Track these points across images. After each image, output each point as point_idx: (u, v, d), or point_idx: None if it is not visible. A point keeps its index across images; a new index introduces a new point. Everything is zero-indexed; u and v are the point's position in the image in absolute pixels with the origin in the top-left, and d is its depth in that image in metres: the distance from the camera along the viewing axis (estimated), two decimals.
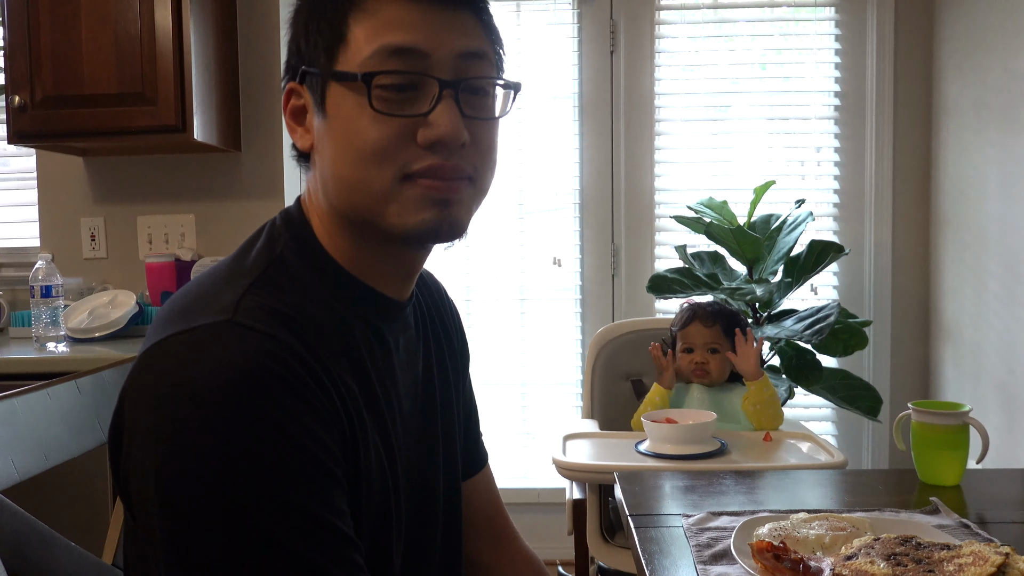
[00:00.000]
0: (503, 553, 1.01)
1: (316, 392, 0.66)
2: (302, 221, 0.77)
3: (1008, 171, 2.22)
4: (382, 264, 0.78)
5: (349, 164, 0.71)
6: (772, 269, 2.38)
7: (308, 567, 0.62)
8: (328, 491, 0.65)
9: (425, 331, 0.88)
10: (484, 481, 1.02)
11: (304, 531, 0.62)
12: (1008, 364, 2.24)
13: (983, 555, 0.82)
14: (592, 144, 2.73)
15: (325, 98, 0.72)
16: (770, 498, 1.17)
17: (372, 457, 0.72)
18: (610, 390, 2.03)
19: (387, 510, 0.75)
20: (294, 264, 0.74)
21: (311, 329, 0.69)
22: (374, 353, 0.76)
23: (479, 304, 2.77)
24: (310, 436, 0.64)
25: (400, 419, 0.80)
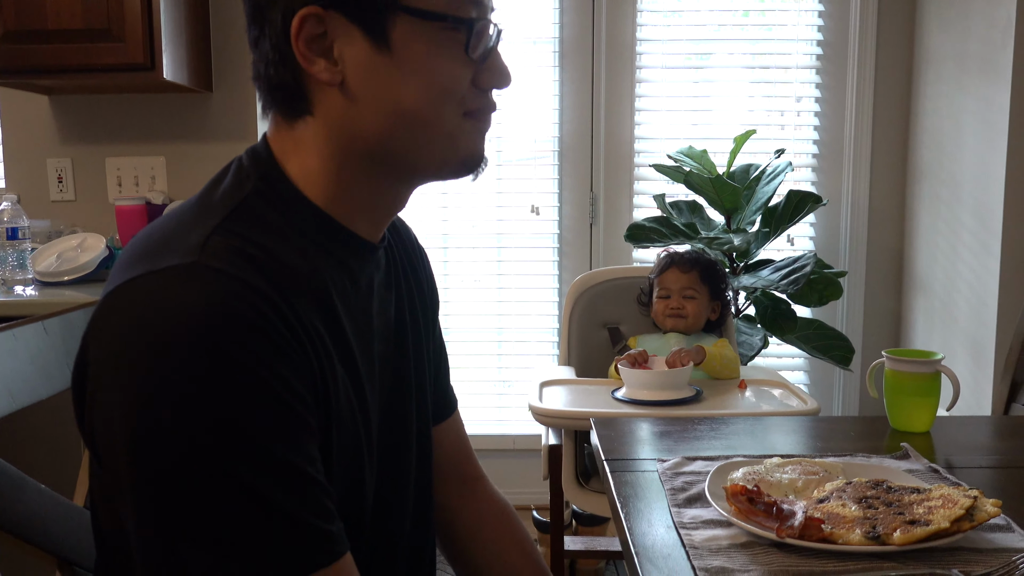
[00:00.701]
0: (473, 498, 1.02)
1: (286, 336, 0.64)
2: (270, 160, 0.74)
3: (986, 122, 2.22)
4: (372, 205, 0.77)
5: (425, 101, 0.71)
6: (750, 219, 2.39)
7: (278, 512, 0.61)
8: (297, 436, 0.64)
9: (397, 274, 0.86)
10: (453, 427, 1.02)
11: (274, 476, 0.61)
12: (978, 315, 2.27)
13: (952, 498, 0.84)
14: (572, 91, 2.69)
15: (387, 31, 0.69)
16: (744, 444, 1.18)
17: (343, 402, 0.71)
18: (587, 338, 2.04)
19: (359, 455, 0.74)
20: (263, 204, 0.72)
21: (280, 270, 0.67)
22: (346, 294, 0.75)
23: (456, 252, 2.75)
24: (279, 381, 0.63)
25: (376, 362, 0.79)
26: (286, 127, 0.74)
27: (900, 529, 0.80)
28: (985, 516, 0.82)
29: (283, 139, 0.75)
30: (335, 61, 0.70)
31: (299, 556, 0.62)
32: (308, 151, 0.73)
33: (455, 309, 2.76)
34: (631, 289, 2.02)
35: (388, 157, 0.73)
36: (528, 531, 1.04)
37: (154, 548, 0.61)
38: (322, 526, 0.64)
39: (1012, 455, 1.14)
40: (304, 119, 0.73)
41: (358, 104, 0.71)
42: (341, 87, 0.70)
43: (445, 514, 1.00)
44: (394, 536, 0.86)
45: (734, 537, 0.84)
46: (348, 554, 0.67)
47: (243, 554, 0.60)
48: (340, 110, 0.71)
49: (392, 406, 0.83)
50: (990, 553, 0.80)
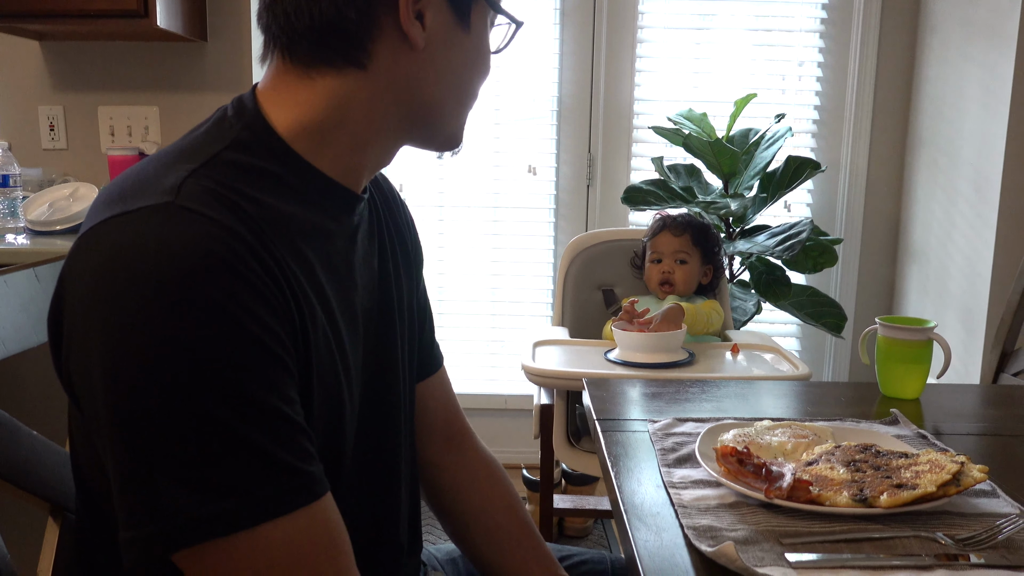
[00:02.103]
0: (459, 454, 1.02)
1: (263, 278, 0.64)
2: (256, 111, 0.73)
3: (989, 91, 2.21)
4: (365, 161, 0.77)
5: (478, 82, 0.79)
6: (748, 184, 2.37)
7: (256, 450, 0.62)
8: (277, 378, 0.64)
9: (379, 227, 0.86)
10: (440, 383, 1.02)
11: (254, 417, 0.62)
12: (971, 285, 2.28)
13: (939, 463, 0.85)
14: (572, 50, 2.66)
15: (470, 13, 0.75)
16: (735, 406, 1.19)
17: (323, 349, 0.71)
18: (581, 299, 2.04)
19: (339, 403, 0.74)
20: (243, 152, 0.70)
21: (258, 214, 0.67)
22: (327, 243, 0.75)
23: (452, 211, 2.74)
24: (257, 322, 0.62)
25: (358, 313, 0.79)
26: (297, 75, 0.72)
27: (887, 492, 0.80)
28: (971, 481, 0.82)
29: (283, 89, 0.73)
30: (423, 27, 0.72)
31: (278, 494, 0.62)
32: (309, 104, 0.72)
33: (450, 268, 2.76)
34: (626, 251, 2.02)
35: (420, 123, 0.77)
36: (515, 487, 1.05)
37: (133, 487, 0.61)
38: (301, 466, 0.64)
39: (999, 423, 1.15)
40: (343, 71, 0.71)
41: (426, 71, 0.73)
42: (415, 52, 0.72)
43: (432, 470, 1.01)
44: (386, 489, 0.87)
45: (723, 497, 0.85)
46: (328, 495, 0.67)
47: (222, 491, 0.60)
48: (404, 71, 0.73)
49: (379, 358, 0.83)
50: (974, 518, 0.81)
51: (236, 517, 0.61)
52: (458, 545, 1.03)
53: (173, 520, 0.60)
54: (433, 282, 2.76)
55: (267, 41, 0.74)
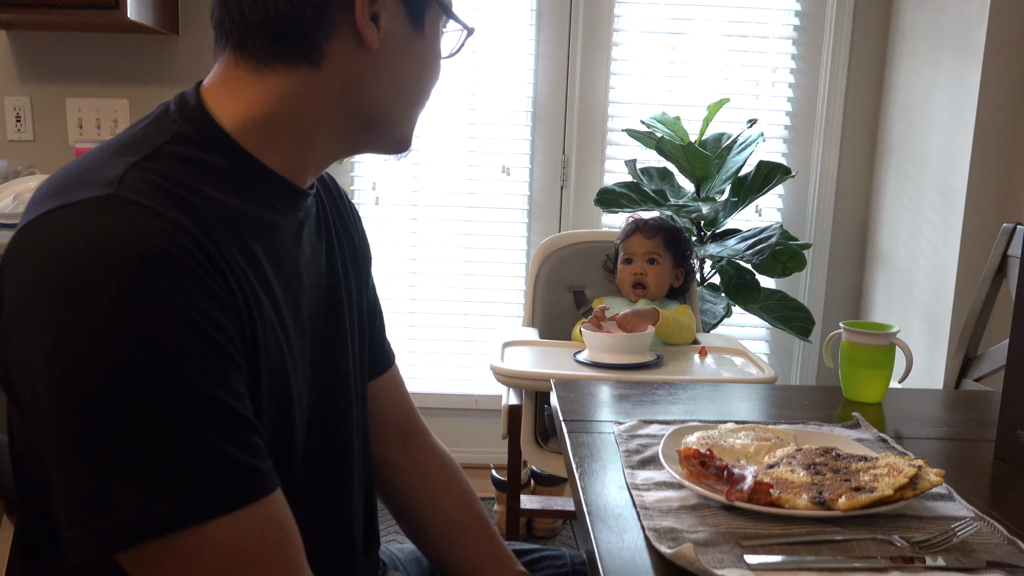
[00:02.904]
0: (414, 452, 1.02)
1: (209, 271, 0.63)
2: (199, 106, 0.72)
3: (956, 100, 2.24)
4: (313, 160, 0.77)
5: (429, 87, 0.80)
6: (719, 188, 2.39)
7: (205, 447, 0.61)
8: (224, 372, 0.63)
9: (327, 225, 0.86)
10: (392, 382, 1.02)
11: (200, 411, 0.61)
12: (936, 291, 2.31)
13: (897, 467, 0.86)
14: (548, 52, 2.66)
15: (425, 17, 0.76)
16: (701, 409, 1.20)
17: (271, 343, 0.70)
18: (552, 300, 2.04)
19: (288, 398, 0.74)
20: (187, 145, 0.70)
21: (202, 207, 0.66)
22: (272, 237, 0.74)
23: (426, 211, 2.73)
24: (204, 315, 0.62)
25: (305, 310, 0.78)
26: (247, 72, 0.72)
27: (845, 495, 0.81)
28: (928, 485, 0.84)
29: (232, 85, 0.73)
30: (377, 28, 0.72)
31: (226, 490, 0.62)
32: (258, 100, 0.72)
33: (422, 267, 2.75)
34: (597, 253, 2.03)
35: (370, 124, 0.77)
36: (471, 484, 1.05)
37: (75, 484, 0.60)
38: (250, 461, 0.64)
39: (959, 428, 1.17)
40: (296, 68, 0.71)
41: (379, 72, 0.74)
42: (369, 52, 0.73)
43: (387, 468, 1.00)
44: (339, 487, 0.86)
45: (684, 499, 0.86)
46: (279, 491, 0.66)
47: (168, 488, 0.60)
48: (357, 71, 0.73)
49: (328, 356, 0.83)
50: (931, 521, 0.83)
51: (183, 514, 0.60)
52: (416, 543, 1.03)
53: (116, 518, 0.59)
54: (405, 281, 2.75)
55: (218, 37, 0.74)
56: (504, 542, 1.02)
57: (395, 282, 2.75)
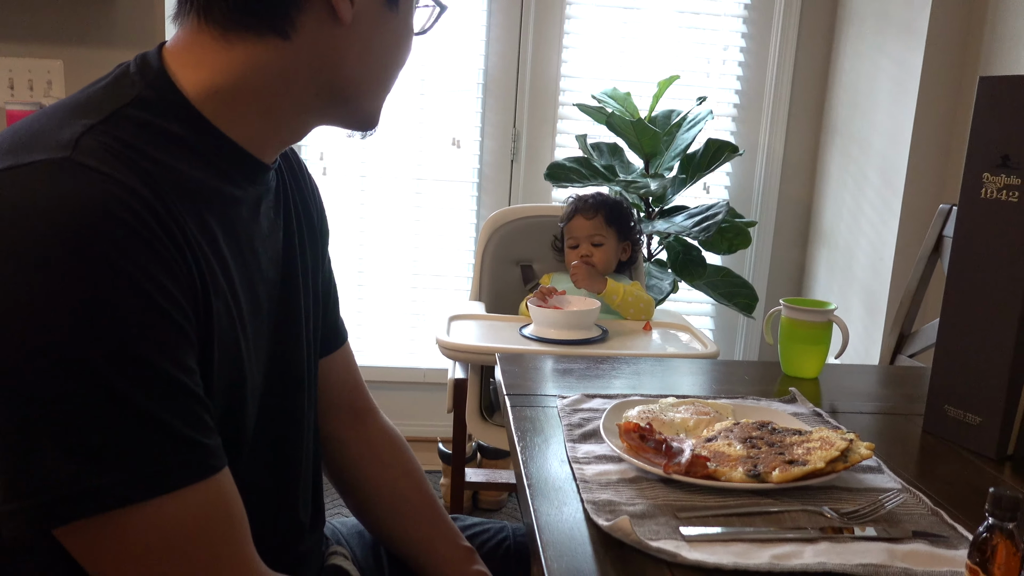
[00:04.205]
0: (363, 429, 1.02)
1: (164, 241, 0.61)
2: (161, 71, 0.70)
3: (899, 83, 2.29)
4: (278, 133, 0.75)
5: (401, 62, 0.78)
6: (668, 164, 2.41)
7: (152, 422, 0.59)
8: (175, 344, 0.61)
9: (287, 201, 0.84)
10: (343, 359, 1.01)
11: (148, 384, 0.59)
12: (875, 270, 2.37)
13: (830, 440, 0.88)
14: (500, 23, 2.63)
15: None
16: (643, 383, 1.21)
17: (224, 318, 0.69)
18: (499, 274, 2.04)
19: (240, 375, 0.72)
20: (148, 110, 0.67)
21: (159, 175, 0.64)
22: (230, 210, 0.72)
23: (374, 182, 2.69)
24: (156, 286, 0.60)
25: (260, 284, 0.77)
26: (212, 38, 0.69)
27: (779, 468, 0.83)
28: (858, 458, 0.86)
29: (196, 51, 0.70)
30: (352, 2, 0.70)
31: (171, 467, 0.60)
32: (223, 68, 0.69)
33: (371, 239, 2.72)
34: (546, 227, 2.03)
35: (338, 100, 0.75)
36: (418, 460, 1.05)
37: (12, 455, 0.58)
38: (198, 438, 0.62)
39: (891, 403, 1.20)
40: (264, 39, 0.69)
41: (350, 47, 0.72)
42: (342, 27, 0.71)
43: (335, 444, 1.00)
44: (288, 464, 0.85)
45: (624, 472, 0.87)
46: (226, 470, 0.65)
47: (111, 462, 0.58)
48: (328, 46, 0.71)
49: (282, 332, 0.81)
50: (860, 492, 0.85)
51: (126, 490, 0.58)
52: (361, 520, 1.02)
53: (54, 491, 0.57)
54: (353, 254, 2.72)
55: (181, 1, 0.71)
56: (449, 518, 1.02)
57: (343, 254, 2.71)
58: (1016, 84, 0.96)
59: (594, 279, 1.79)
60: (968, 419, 1.01)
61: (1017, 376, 0.97)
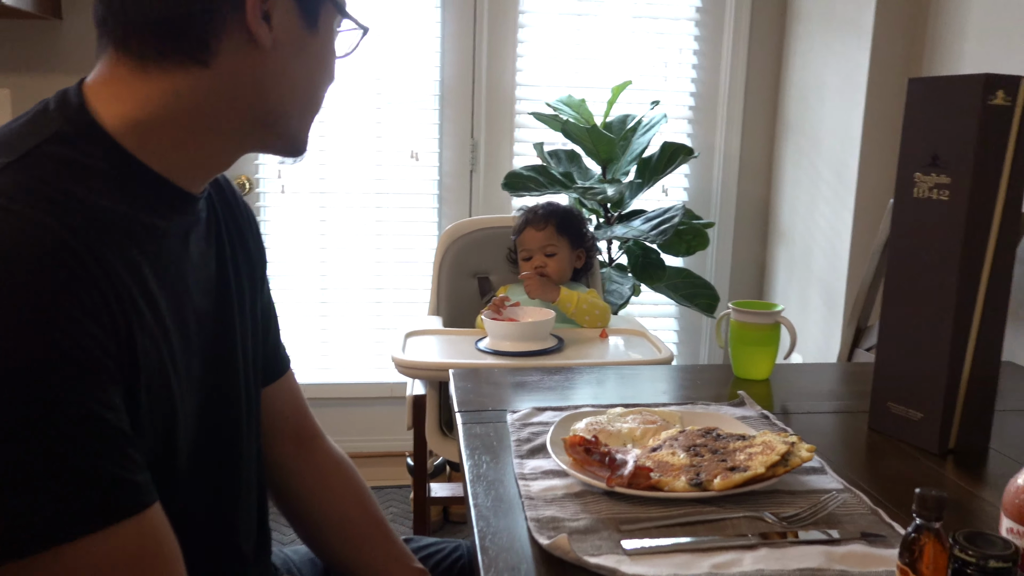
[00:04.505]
0: (310, 455, 1.01)
1: (82, 281, 0.61)
2: (80, 104, 0.69)
3: (848, 81, 2.32)
4: (205, 163, 0.75)
5: (324, 87, 0.78)
6: (625, 169, 2.42)
7: (77, 461, 0.59)
8: (96, 384, 0.61)
9: (218, 230, 0.84)
10: (287, 386, 1.00)
11: (71, 425, 0.59)
12: (832, 266, 2.40)
13: (771, 444, 0.89)
14: (454, 33, 2.63)
15: (319, 15, 0.74)
16: (598, 393, 1.21)
17: (151, 352, 0.68)
18: (457, 288, 2.03)
19: (171, 408, 0.72)
20: (67, 145, 0.67)
21: (79, 212, 0.63)
22: (157, 243, 0.72)
23: (334, 198, 2.68)
24: (76, 326, 0.59)
25: (192, 315, 0.76)
26: (131, 70, 0.69)
27: (720, 476, 0.84)
28: (798, 461, 0.87)
29: (116, 83, 0.70)
30: (270, 27, 0.70)
31: (99, 505, 0.60)
32: (144, 99, 0.69)
33: (333, 256, 2.71)
34: (503, 239, 2.03)
35: (263, 126, 0.75)
36: (367, 485, 1.04)
37: None
38: (125, 475, 0.62)
39: (841, 401, 1.21)
40: (184, 68, 0.69)
41: (272, 72, 0.72)
42: (261, 51, 0.71)
43: (282, 473, 0.99)
44: (229, 496, 0.84)
45: (569, 487, 0.87)
46: (157, 505, 0.65)
47: (36, 503, 0.57)
48: (249, 71, 0.71)
49: (215, 364, 0.81)
50: (802, 495, 0.86)
51: (53, 530, 0.58)
52: (311, 547, 1.02)
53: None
54: (315, 271, 2.70)
55: (101, 35, 0.71)
56: (401, 540, 1.01)
57: (305, 271, 2.70)
58: (943, 85, 0.98)
59: (547, 289, 1.80)
60: (910, 415, 1.03)
61: (956, 371, 0.98)
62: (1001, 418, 1.05)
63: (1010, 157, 0.96)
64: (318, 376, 2.72)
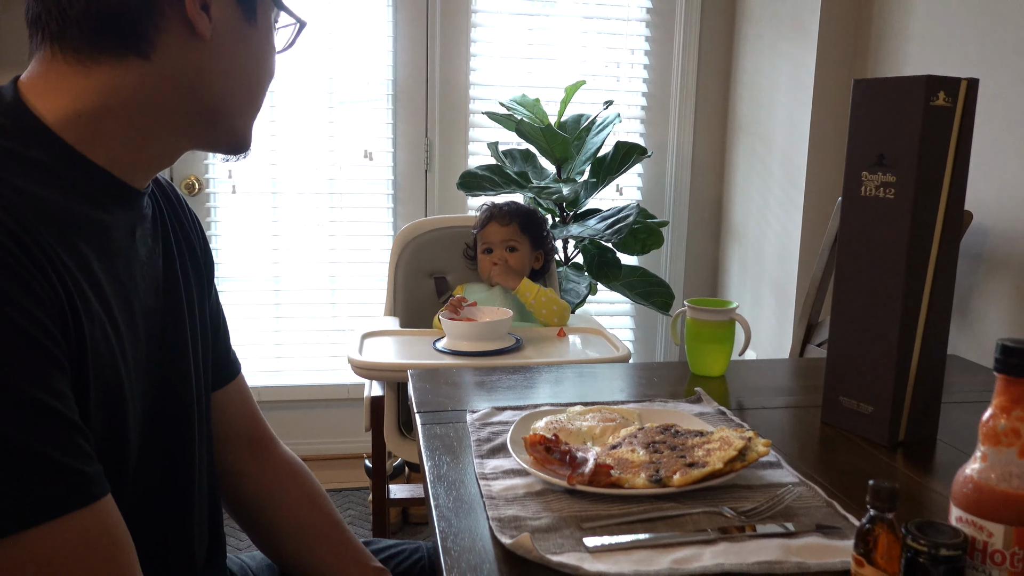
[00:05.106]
0: (263, 460, 1.00)
1: (27, 266, 0.60)
2: (17, 99, 0.68)
3: (796, 81, 2.36)
4: (148, 156, 0.74)
5: (265, 79, 0.78)
6: (580, 169, 2.43)
7: (23, 450, 0.57)
8: (43, 371, 0.59)
9: (165, 231, 0.83)
10: (238, 391, 0.99)
11: (17, 412, 0.57)
12: (783, 263, 2.44)
13: (729, 440, 0.90)
14: (406, 32, 2.62)
15: (256, 7, 0.75)
16: (555, 392, 1.22)
17: (100, 342, 0.67)
18: (414, 288, 2.02)
19: (120, 401, 0.70)
20: (5, 138, 0.66)
21: (20, 201, 0.62)
22: (101, 236, 0.70)
23: (285, 198, 2.64)
24: (19, 311, 0.58)
25: (138, 312, 0.75)
26: (69, 65, 0.68)
27: (679, 472, 0.85)
28: (755, 456, 0.88)
29: (53, 79, 0.69)
30: (208, 17, 0.71)
31: (48, 496, 0.58)
32: (83, 93, 0.69)
33: (286, 257, 2.67)
34: (459, 238, 2.02)
35: (205, 119, 0.75)
36: (321, 487, 1.03)
37: None
38: (75, 465, 0.60)
39: (795, 396, 1.24)
40: (124, 60, 0.69)
41: (212, 63, 0.72)
42: (201, 43, 0.71)
43: (235, 478, 0.97)
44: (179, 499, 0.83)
45: (530, 486, 0.87)
46: (108, 497, 0.63)
47: None
48: (188, 64, 0.71)
49: (165, 363, 0.79)
50: (760, 489, 0.87)
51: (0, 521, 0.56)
52: (267, 553, 1.00)
53: None
54: (268, 272, 2.66)
55: (33, 33, 0.70)
56: (358, 540, 1.00)
57: (257, 273, 2.65)
58: (887, 86, 1.01)
59: (510, 275, 1.82)
60: (861, 408, 1.05)
61: (904, 365, 1.01)
62: (947, 410, 1.09)
63: (952, 156, 0.99)
64: (272, 379, 2.68)
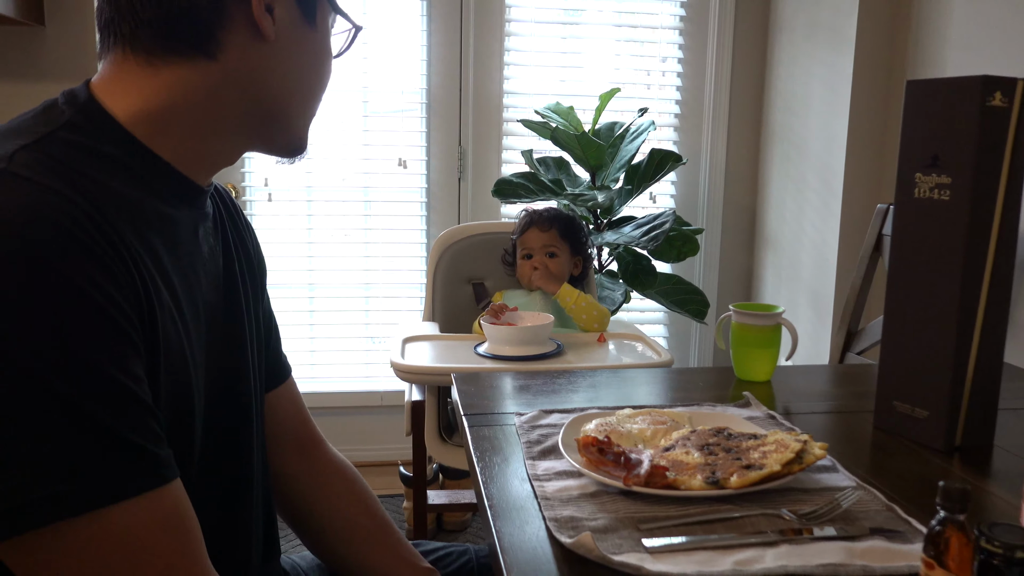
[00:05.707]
0: (311, 463, 1.01)
1: (105, 248, 0.61)
2: (90, 99, 0.70)
3: (832, 88, 2.35)
4: (212, 156, 0.76)
5: (320, 78, 0.79)
6: (614, 176, 2.43)
7: (101, 430, 0.58)
8: (122, 352, 0.60)
9: (223, 231, 0.85)
10: (288, 393, 1.00)
11: (96, 391, 0.58)
12: (820, 271, 2.42)
13: (784, 443, 0.89)
14: (440, 42, 2.64)
15: (316, 11, 0.76)
16: (600, 396, 1.21)
17: (170, 330, 0.68)
18: (451, 294, 2.03)
19: (188, 389, 0.71)
20: (80, 133, 0.67)
21: (96, 189, 0.64)
22: (168, 228, 0.72)
23: (322, 206, 2.67)
24: (100, 292, 0.59)
25: (200, 306, 0.76)
26: (139, 66, 0.70)
27: (737, 473, 0.84)
28: (813, 459, 0.87)
29: (124, 80, 0.71)
30: (272, 20, 0.72)
31: (122, 476, 0.59)
32: (152, 92, 0.71)
33: (321, 264, 2.69)
34: (496, 244, 2.03)
35: (266, 119, 0.76)
36: (370, 489, 1.03)
37: None
38: (148, 447, 0.61)
39: (843, 401, 1.22)
40: (191, 60, 0.70)
41: (275, 64, 0.74)
42: (265, 44, 0.72)
43: (285, 480, 0.98)
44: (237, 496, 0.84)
45: (584, 487, 0.87)
46: (178, 481, 0.64)
47: (59, 471, 0.57)
48: (252, 64, 0.73)
49: (225, 359, 0.80)
50: (817, 492, 0.86)
51: (75, 500, 0.57)
52: (317, 554, 1.01)
53: (1, 503, 0.55)
54: (303, 280, 2.69)
55: (105, 36, 0.72)
56: (408, 541, 1.00)
57: (293, 280, 2.68)
58: (941, 87, 1.00)
59: (550, 280, 1.82)
60: (916, 413, 1.03)
61: (960, 368, 0.99)
62: (1002, 416, 1.07)
63: (1008, 157, 0.98)
64: (306, 386, 2.68)
